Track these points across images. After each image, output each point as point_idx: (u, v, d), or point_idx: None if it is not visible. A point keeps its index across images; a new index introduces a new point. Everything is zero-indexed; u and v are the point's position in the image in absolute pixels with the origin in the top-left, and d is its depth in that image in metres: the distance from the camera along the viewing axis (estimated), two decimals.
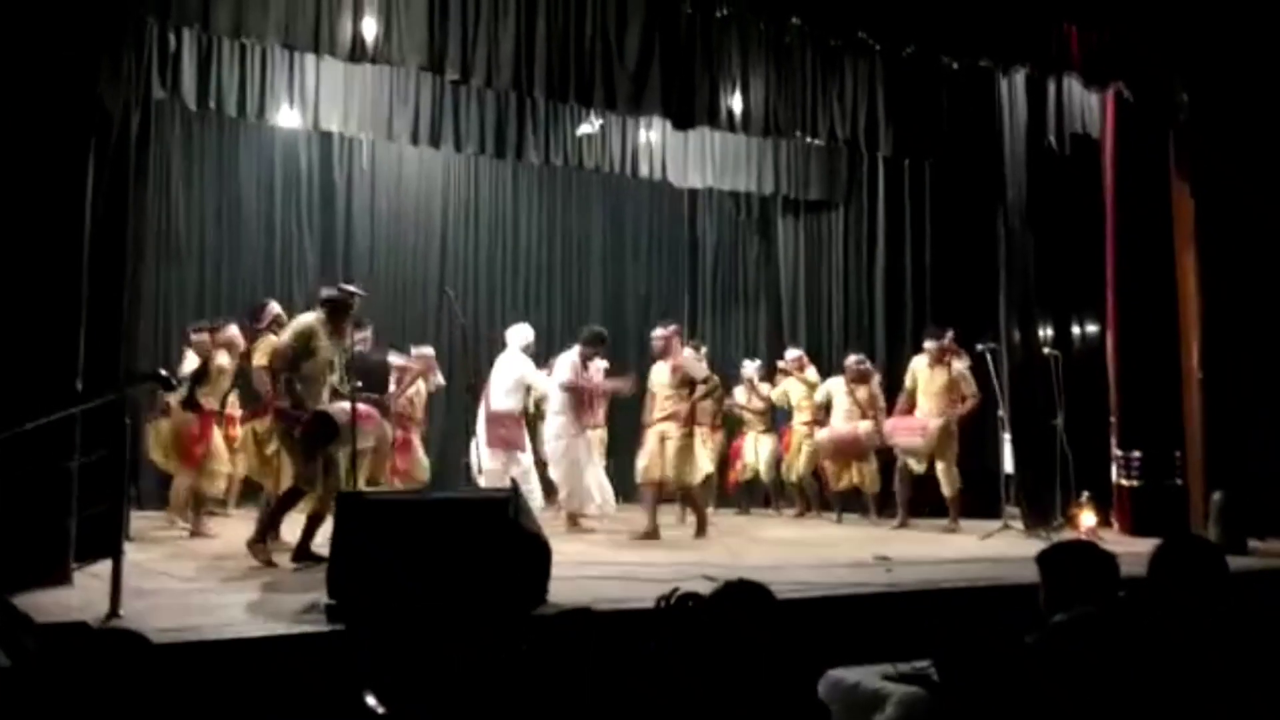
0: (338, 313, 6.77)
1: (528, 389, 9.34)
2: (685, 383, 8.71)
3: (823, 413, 10.46)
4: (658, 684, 2.59)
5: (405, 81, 9.67)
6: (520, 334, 9.45)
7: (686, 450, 8.70)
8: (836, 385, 10.36)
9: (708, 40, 8.54)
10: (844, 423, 10.15)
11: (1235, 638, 3.02)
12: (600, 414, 9.72)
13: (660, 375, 8.86)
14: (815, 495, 10.79)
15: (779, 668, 2.57)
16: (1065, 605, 3.20)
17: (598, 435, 9.68)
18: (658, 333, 9.00)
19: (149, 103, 7.74)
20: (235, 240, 11.39)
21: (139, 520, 8.50)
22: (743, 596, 2.48)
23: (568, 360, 9.15)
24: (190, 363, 8.26)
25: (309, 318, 6.76)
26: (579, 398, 9.07)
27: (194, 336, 8.42)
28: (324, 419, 6.43)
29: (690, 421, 8.72)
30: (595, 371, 9.44)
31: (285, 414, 6.51)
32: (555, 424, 9.06)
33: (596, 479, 9.11)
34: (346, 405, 6.63)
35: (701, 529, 8.67)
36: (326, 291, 6.97)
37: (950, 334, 9.50)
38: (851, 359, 10.31)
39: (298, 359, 6.52)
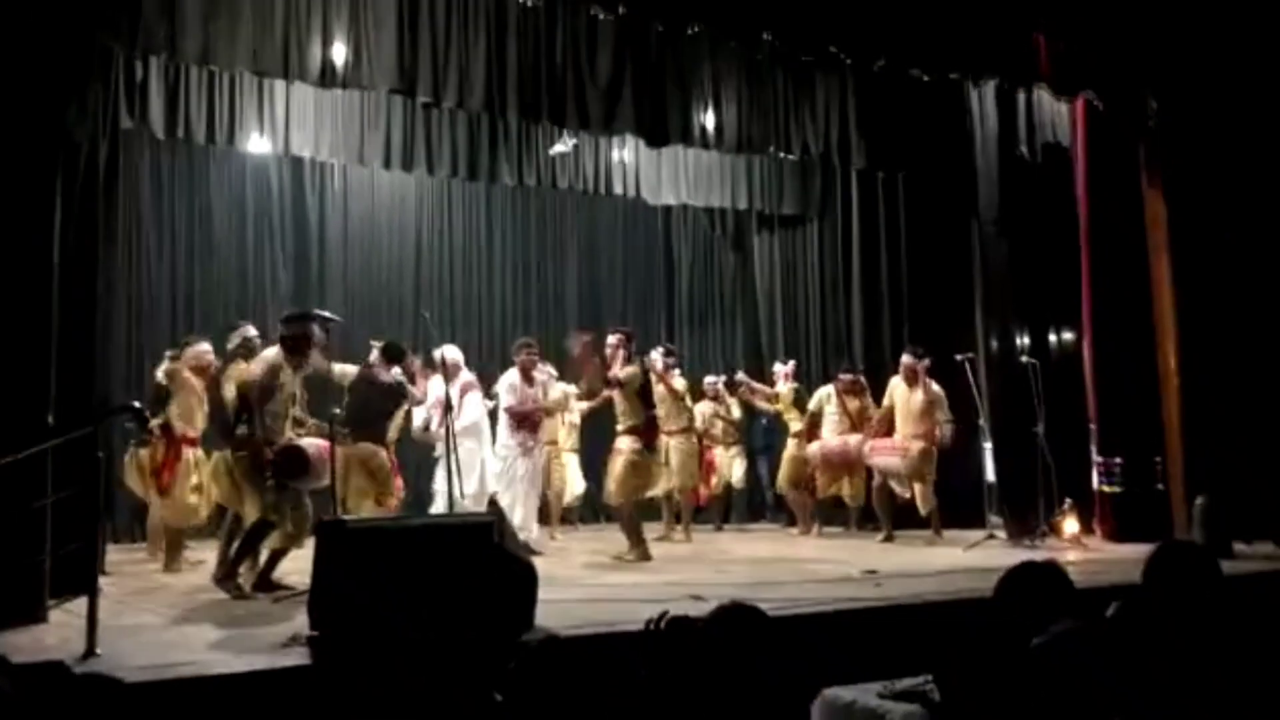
0: (296, 347, 6.71)
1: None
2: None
3: (811, 424, 10.40)
4: (651, 711, 2.54)
5: (376, 106, 9.63)
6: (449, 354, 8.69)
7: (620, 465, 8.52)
8: (828, 395, 10.31)
9: (679, 58, 8.56)
10: (833, 435, 10.11)
11: (1233, 642, 3.00)
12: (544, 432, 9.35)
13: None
14: (804, 507, 10.69)
15: (775, 691, 2.52)
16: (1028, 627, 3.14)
17: (544, 455, 9.37)
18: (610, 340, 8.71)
19: (117, 132, 7.65)
20: (208, 267, 11.27)
21: (116, 553, 8.40)
22: (736, 620, 2.44)
23: (507, 382, 8.94)
24: (186, 387, 8.11)
25: (273, 353, 6.69)
26: (522, 418, 8.83)
27: (166, 364, 8.28)
28: (295, 453, 6.38)
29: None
30: (541, 385, 9.17)
31: (251, 447, 6.42)
32: (502, 447, 8.87)
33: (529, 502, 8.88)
34: (317, 441, 6.59)
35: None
36: (285, 328, 6.84)
37: (926, 361, 9.44)
38: (846, 375, 10.29)
39: (264, 395, 6.47)
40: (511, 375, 8.96)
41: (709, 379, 11.35)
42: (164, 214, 11.09)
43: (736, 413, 11.09)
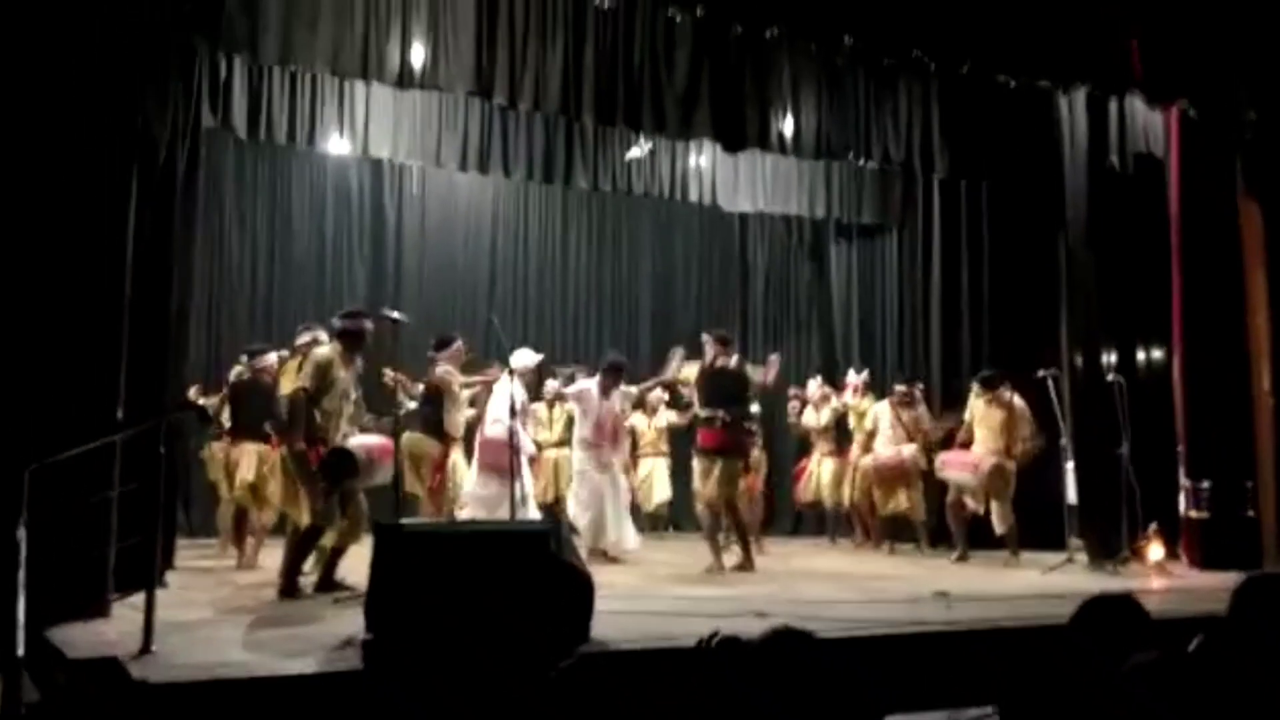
0: (353, 343, 6.70)
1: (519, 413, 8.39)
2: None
3: (870, 439, 10.23)
4: None
5: (454, 107, 9.64)
6: (518, 359, 8.69)
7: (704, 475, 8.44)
8: (883, 410, 10.16)
9: (758, 61, 8.40)
10: (888, 447, 9.94)
11: None
12: (623, 447, 9.37)
13: None
14: (873, 523, 10.53)
15: (828, 718, 2.39)
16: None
17: (621, 467, 9.30)
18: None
19: (198, 130, 7.75)
20: (287, 267, 11.46)
21: (190, 548, 8.51)
22: (786, 644, 2.31)
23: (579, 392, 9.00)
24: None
25: (326, 351, 6.72)
26: (599, 431, 8.82)
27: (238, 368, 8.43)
28: (343, 455, 6.37)
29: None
30: (616, 401, 9.10)
31: (305, 445, 6.43)
32: (577, 457, 8.92)
33: (616, 514, 8.82)
34: (366, 440, 6.58)
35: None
36: (339, 323, 6.87)
37: (1004, 386, 9.20)
38: (900, 386, 10.13)
39: (318, 393, 6.47)
40: (588, 386, 8.97)
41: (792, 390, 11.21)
42: (245, 213, 11.31)
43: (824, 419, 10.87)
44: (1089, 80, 8.93)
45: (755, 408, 9.21)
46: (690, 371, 8.80)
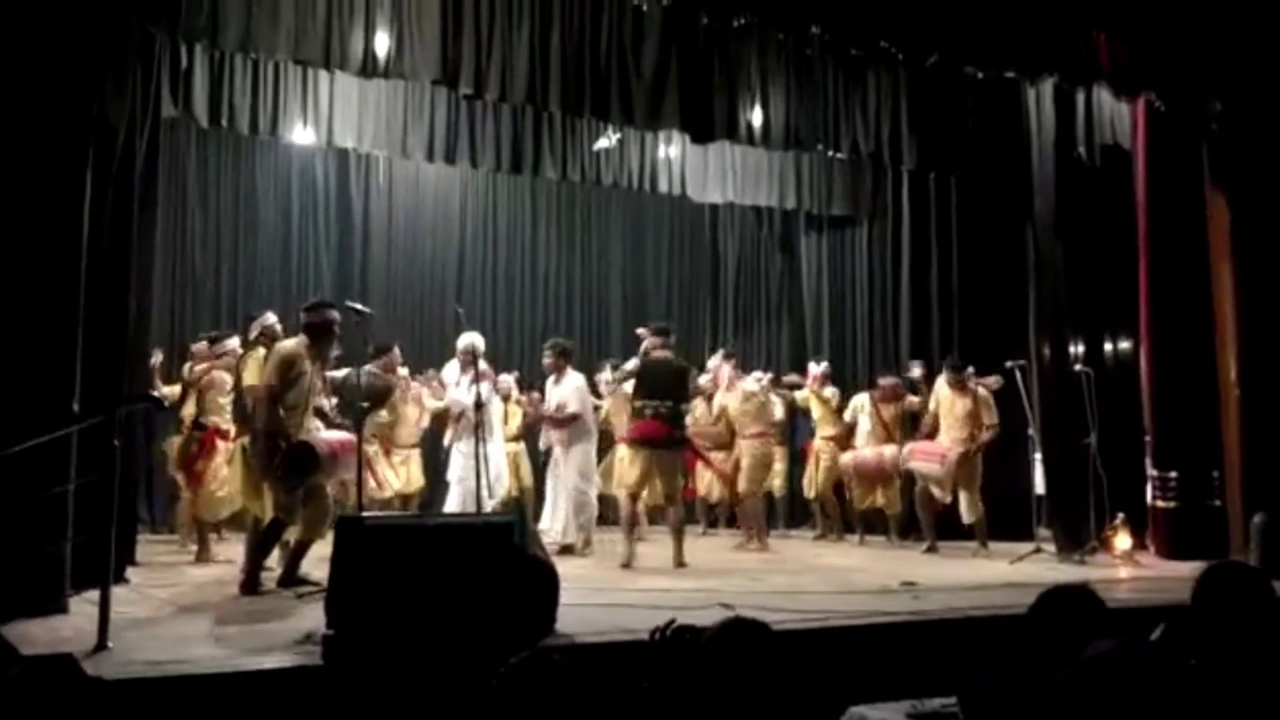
0: (320, 336, 6.60)
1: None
2: None
3: (848, 431, 10.22)
4: None
5: (420, 97, 9.55)
6: (461, 341, 8.50)
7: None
8: (863, 404, 10.13)
9: (726, 52, 8.37)
10: (868, 445, 9.96)
11: None
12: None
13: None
14: (836, 515, 10.54)
15: (784, 709, 2.36)
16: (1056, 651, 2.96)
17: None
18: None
19: (158, 119, 7.63)
20: (251, 258, 11.34)
21: (151, 543, 8.40)
22: (739, 635, 2.28)
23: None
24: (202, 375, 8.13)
25: (291, 345, 6.59)
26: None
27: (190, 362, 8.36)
28: (304, 450, 6.29)
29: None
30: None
31: (267, 439, 6.34)
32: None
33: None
34: (329, 435, 6.50)
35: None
36: (305, 316, 6.76)
37: (970, 370, 9.23)
38: (886, 380, 10.10)
39: (283, 388, 6.37)
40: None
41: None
42: (209, 203, 11.17)
43: (780, 414, 10.83)
44: (1056, 72, 8.93)
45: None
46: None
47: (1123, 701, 2.65)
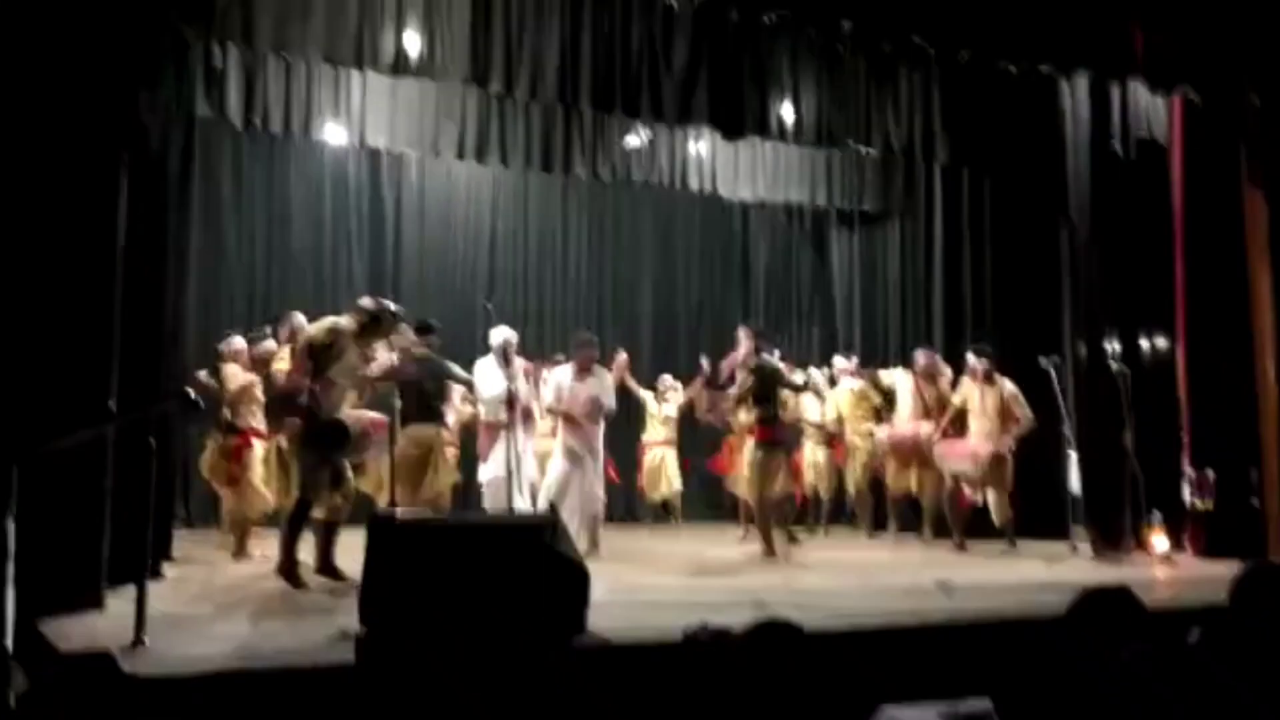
0: (373, 327, 6.61)
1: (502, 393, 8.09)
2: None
3: (885, 409, 10.11)
4: None
5: (451, 96, 9.57)
6: (494, 336, 8.30)
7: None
8: (903, 381, 9.93)
9: (756, 47, 8.34)
10: (907, 423, 9.73)
11: None
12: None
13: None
14: (870, 511, 10.48)
15: (816, 710, 2.35)
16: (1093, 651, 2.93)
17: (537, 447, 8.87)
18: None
19: (192, 120, 7.71)
20: (284, 257, 11.42)
21: (189, 539, 8.47)
22: (772, 636, 2.27)
23: (555, 380, 8.59)
24: (234, 380, 8.17)
25: (340, 319, 6.59)
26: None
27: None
28: (335, 424, 6.29)
29: None
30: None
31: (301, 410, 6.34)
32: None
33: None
34: (363, 414, 6.49)
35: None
36: (367, 303, 6.76)
37: (986, 359, 9.16)
38: (923, 356, 9.85)
39: (325, 359, 6.37)
40: (563, 372, 8.59)
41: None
42: (243, 203, 11.26)
43: (831, 413, 10.74)
44: (1091, 66, 8.84)
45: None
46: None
47: (1159, 705, 2.62)
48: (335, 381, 6.42)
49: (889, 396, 10.22)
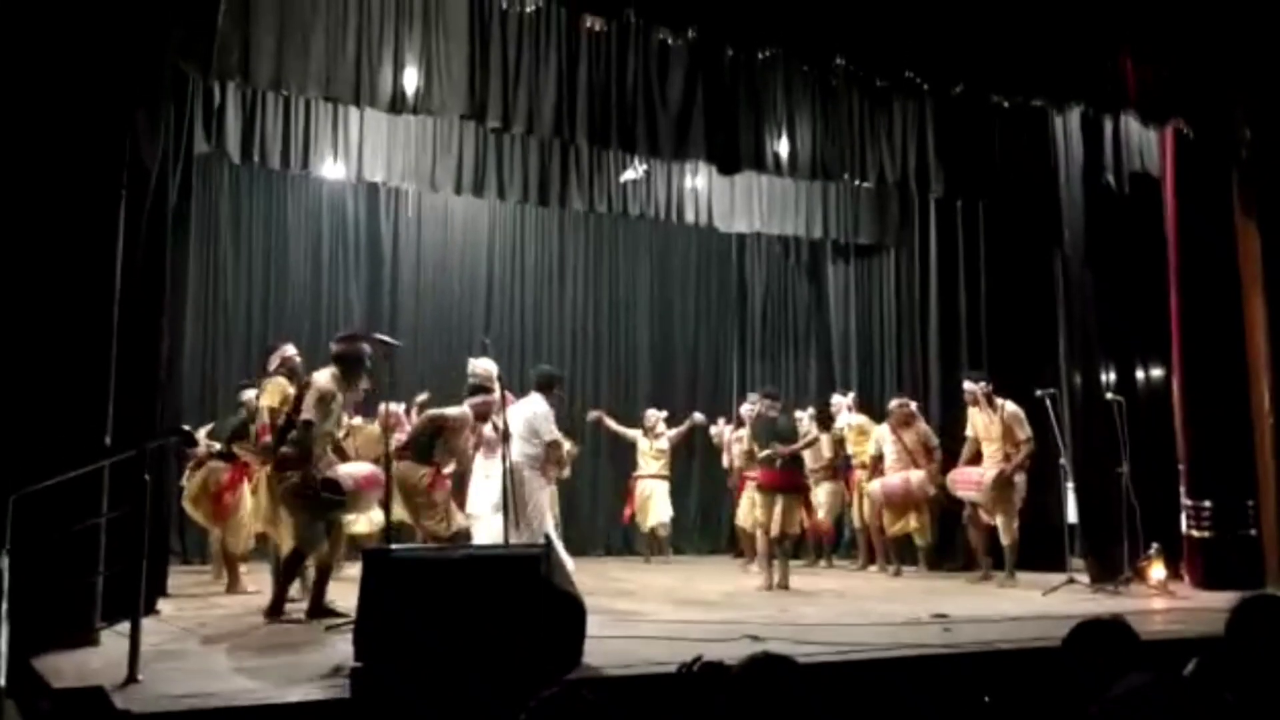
0: (351, 368, 6.62)
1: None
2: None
3: (876, 462, 10.20)
4: None
5: (448, 131, 9.66)
6: (479, 368, 7.90)
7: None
8: (884, 433, 10.15)
9: (751, 83, 8.41)
10: (893, 472, 9.94)
11: None
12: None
13: None
14: (866, 545, 10.55)
15: None
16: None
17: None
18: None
19: (191, 156, 7.73)
20: (282, 291, 11.44)
21: (183, 575, 8.44)
22: (766, 670, 2.27)
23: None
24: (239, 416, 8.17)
25: (326, 378, 6.55)
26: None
27: (245, 394, 8.33)
28: (331, 487, 6.32)
29: None
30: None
31: (301, 471, 6.36)
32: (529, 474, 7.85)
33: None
34: (354, 469, 6.51)
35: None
36: (336, 346, 6.77)
37: (984, 381, 9.27)
38: (894, 403, 10.11)
39: (326, 412, 6.43)
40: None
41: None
42: (241, 238, 11.29)
43: (826, 452, 10.76)
44: (1083, 99, 8.90)
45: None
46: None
47: None
48: (320, 436, 6.45)
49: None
